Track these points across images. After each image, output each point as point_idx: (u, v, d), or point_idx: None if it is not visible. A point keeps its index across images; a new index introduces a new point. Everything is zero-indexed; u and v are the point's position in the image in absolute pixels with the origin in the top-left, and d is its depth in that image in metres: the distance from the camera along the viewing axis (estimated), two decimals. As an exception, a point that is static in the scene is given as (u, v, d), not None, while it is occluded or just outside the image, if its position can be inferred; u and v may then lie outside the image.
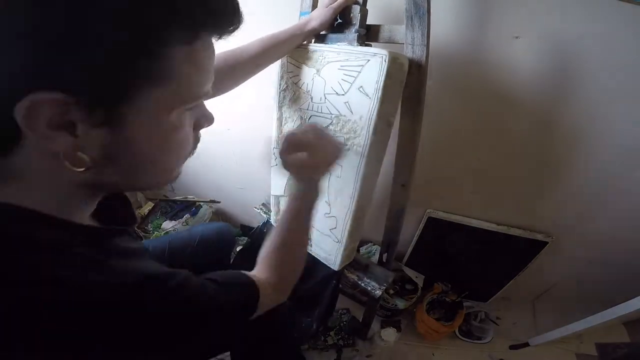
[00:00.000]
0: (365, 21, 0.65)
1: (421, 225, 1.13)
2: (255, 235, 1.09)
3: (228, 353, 0.69)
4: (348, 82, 0.65)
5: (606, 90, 0.73)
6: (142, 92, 0.27)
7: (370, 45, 0.67)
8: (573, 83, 0.75)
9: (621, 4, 0.61)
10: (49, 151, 0.26)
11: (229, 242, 0.95)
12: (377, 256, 1.13)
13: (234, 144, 1.26)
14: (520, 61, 0.75)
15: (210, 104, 0.41)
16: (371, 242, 1.25)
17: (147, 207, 1.56)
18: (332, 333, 1.17)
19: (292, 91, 0.77)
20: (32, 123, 0.24)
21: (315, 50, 0.70)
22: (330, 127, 0.71)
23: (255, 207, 1.07)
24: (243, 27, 0.32)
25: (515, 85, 0.79)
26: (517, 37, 0.73)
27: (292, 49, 0.71)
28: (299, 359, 0.99)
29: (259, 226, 1.07)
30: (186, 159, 0.39)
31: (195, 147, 0.39)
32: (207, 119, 0.38)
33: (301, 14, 0.72)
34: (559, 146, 0.85)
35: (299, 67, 0.73)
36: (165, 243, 0.84)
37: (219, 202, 1.58)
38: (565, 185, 0.91)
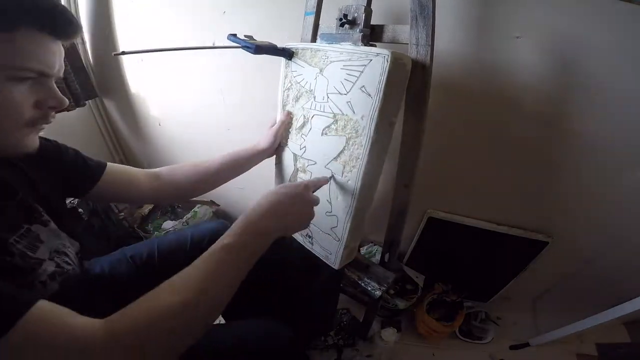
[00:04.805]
0: (370, 21, 0.66)
1: (421, 225, 1.13)
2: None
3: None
4: (350, 81, 0.65)
5: (606, 90, 0.74)
6: None
7: (374, 46, 0.67)
8: (573, 83, 0.75)
9: (621, 4, 0.62)
10: None
11: None
12: (378, 256, 1.13)
13: (234, 144, 1.26)
14: (520, 61, 0.76)
15: (213, 104, 0.42)
16: (372, 242, 1.25)
17: (148, 207, 1.56)
18: (332, 333, 1.17)
19: (295, 90, 0.78)
20: None
21: (319, 50, 0.70)
22: (333, 126, 0.71)
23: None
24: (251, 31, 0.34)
25: (516, 84, 0.79)
26: (518, 37, 0.73)
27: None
28: None
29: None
30: (22, 127, 0.42)
31: (41, 121, 0.44)
32: (54, 100, 0.44)
33: (306, 14, 0.72)
34: (559, 146, 0.86)
35: (303, 66, 0.74)
36: (153, 248, 0.79)
37: (218, 205, 1.58)
38: (565, 186, 0.92)
